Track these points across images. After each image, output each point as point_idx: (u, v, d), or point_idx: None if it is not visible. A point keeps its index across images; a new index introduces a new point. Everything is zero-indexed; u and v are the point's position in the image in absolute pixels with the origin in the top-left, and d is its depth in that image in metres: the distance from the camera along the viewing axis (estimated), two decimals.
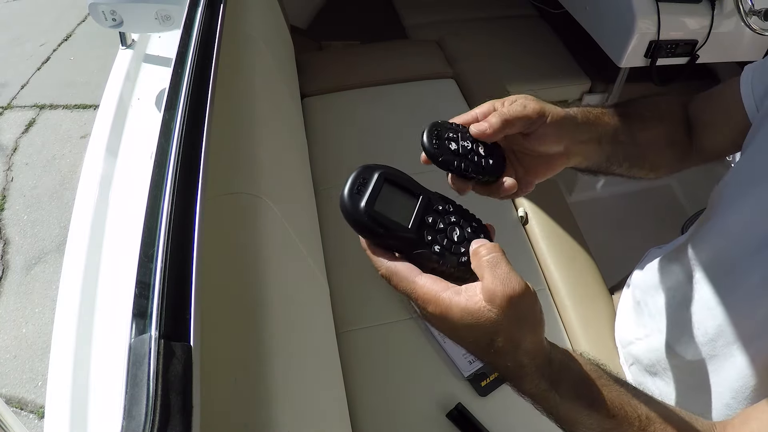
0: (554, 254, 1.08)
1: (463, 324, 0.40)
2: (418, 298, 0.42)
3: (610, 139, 0.62)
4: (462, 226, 0.46)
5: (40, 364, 1.64)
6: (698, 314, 0.65)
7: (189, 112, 0.59)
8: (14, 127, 2.43)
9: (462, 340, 0.42)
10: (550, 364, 0.43)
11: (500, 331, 0.40)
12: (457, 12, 2.01)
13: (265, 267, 0.64)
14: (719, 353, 0.61)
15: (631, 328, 0.83)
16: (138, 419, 0.36)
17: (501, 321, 0.40)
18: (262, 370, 0.54)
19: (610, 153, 0.63)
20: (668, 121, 0.70)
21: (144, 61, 1.03)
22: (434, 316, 0.42)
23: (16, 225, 2.04)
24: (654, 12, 1.40)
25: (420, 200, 0.46)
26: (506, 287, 0.40)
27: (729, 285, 0.61)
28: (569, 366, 0.45)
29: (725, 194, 0.66)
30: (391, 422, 0.86)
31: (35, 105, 2.54)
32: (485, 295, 0.40)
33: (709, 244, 0.66)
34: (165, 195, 0.50)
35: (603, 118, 0.62)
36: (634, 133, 0.65)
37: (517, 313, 0.40)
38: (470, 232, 0.46)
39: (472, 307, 0.40)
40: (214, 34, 0.72)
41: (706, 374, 0.63)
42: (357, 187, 0.44)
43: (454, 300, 0.40)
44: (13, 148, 2.34)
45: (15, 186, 2.19)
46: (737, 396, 0.59)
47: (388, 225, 0.43)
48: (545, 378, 0.43)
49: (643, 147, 0.66)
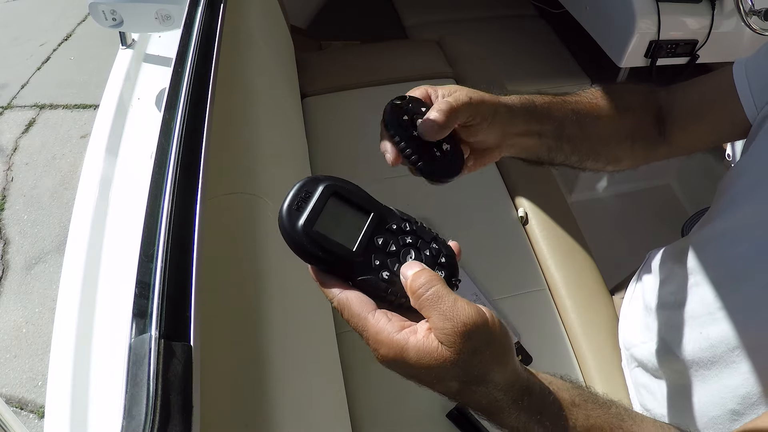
0: (554, 254, 1.08)
1: (421, 365, 0.36)
2: (369, 338, 0.37)
3: (552, 133, 0.59)
4: (419, 248, 0.40)
5: (40, 364, 1.64)
6: (700, 318, 0.64)
7: (189, 112, 0.59)
8: (14, 127, 2.43)
9: (424, 382, 0.38)
10: (529, 394, 0.40)
11: (460, 368, 0.36)
12: (457, 12, 2.01)
13: (265, 267, 0.64)
14: (721, 359, 0.60)
15: (637, 330, 0.83)
16: (138, 419, 0.36)
17: (458, 358, 0.36)
18: (262, 370, 0.54)
19: (553, 146, 0.60)
20: (631, 114, 0.67)
21: (144, 61, 1.02)
22: (389, 359, 0.37)
23: (16, 225, 2.04)
24: (654, 12, 1.40)
25: (371, 218, 0.40)
26: (455, 323, 0.35)
27: (732, 289, 0.60)
28: (551, 394, 0.41)
29: (728, 197, 0.66)
30: (391, 422, 0.86)
31: (35, 105, 2.54)
32: (437, 334, 0.36)
33: (712, 248, 0.65)
34: (165, 195, 0.50)
35: (550, 109, 0.60)
36: (584, 126, 0.62)
37: (473, 346, 0.36)
38: (429, 255, 0.40)
39: (429, 347, 0.36)
40: (214, 34, 0.72)
41: (708, 380, 0.63)
42: (298, 202, 0.38)
43: (410, 341, 0.36)
44: (13, 148, 2.34)
45: (15, 186, 2.19)
46: (743, 402, 0.58)
47: (329, 247, 0.37)
48: (524, 410, 0.39)
49: (595, 141, 0.64)
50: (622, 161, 0.69)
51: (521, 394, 0.39)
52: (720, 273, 0.63)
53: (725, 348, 0.59)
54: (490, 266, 1.05)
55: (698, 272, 0.66)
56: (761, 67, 0.64)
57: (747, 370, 0.57)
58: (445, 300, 0.36)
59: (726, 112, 0.66)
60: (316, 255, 0.38)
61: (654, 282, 0.78)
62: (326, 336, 0.85)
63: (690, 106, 0.70)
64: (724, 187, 0.67)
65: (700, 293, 0.65)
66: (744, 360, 0.57)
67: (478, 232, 1.11)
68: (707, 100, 0.69)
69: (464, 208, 1.14)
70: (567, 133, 0.61)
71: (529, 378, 0.40)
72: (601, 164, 0.67)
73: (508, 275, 1.05)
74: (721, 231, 0.64)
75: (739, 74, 0.66)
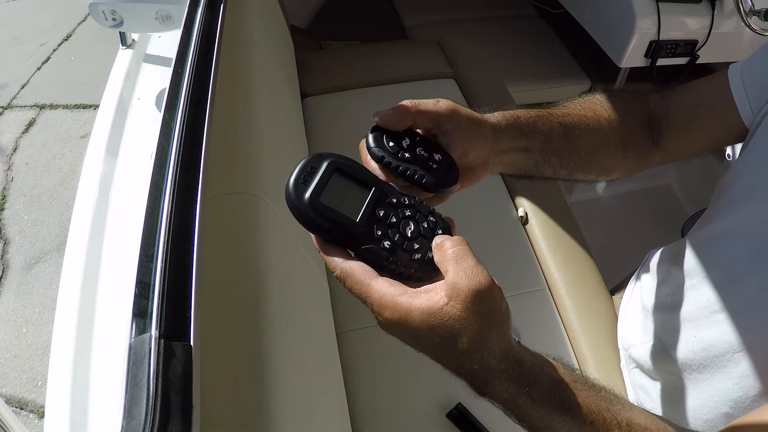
0: (554, 254, 1.08)
1: (425, 326, 0.37)
2: (373, 303, 0.38)
3: (539, 148, 0.58)
4: (417, 220, 0.42)
5: (40, 364, 1.64)
6: (696, 321, 0.64)
7: (189, 112, 0.59)
8: (14, 127, 2.43)
9: (424, 345, 0.39)
10: (520, 366, 0.40)
11: (465, 328, 0.37)
12: (457, 12, 2.01)
13: (265, 267, 0.64)
14: (714, 363, 0.60)
15: (635, 331, 0.83)
16: (138, 419, 0.36)
17: (466, 317, 0.37)
18: (262, 370, 0.54)
19: (540, 161, 0.59)
20: (621, 123, 0.65)
21: (144, 61, 1.02)
22: (392, 322, 0.38)
23: (16, 225, 2.04)
24: (654, 12, 1.40)
25: (372, 192, 0.42)
26: (471, 281, 0.37)
27: (728, 291, 0.60)
28: (541, 369, 0.42)
29: (726, 198, 0.65)
30: (391, 422, 0.86)
31: (35, 105, 2.54)
32: (448, 290, 0.37)
33: (710, 249, 0.65)
34: (165, 195, 0.50)
35: (536, 123, 0.58)
36: (572, 139, 0.61)
37: (482, 308, 0.37)
38: (426, 227, 0.42)
39: (434, 307, 0.37)
40: (214, 34, 0.72)
41: (701, 383, 0.63)
42: (304, 176, 0.40)
43: (414, 303, 0.37)
44: (13, 148, 2.34)
45: (15, 186, 2.19)
46: (736, 406, 0.58)
47: (334, 218, 0.40)
48: (514, 381, 0.40)
49: (584, 153, 0.62)
50: (613, 171, 0.68)
51: (513, 364, 0.40)
52: (717, 274, 0.63)
53: (718, 351, 0.59)
54: (490, 266, 1.04)
55: (695, 274, 0.66)
56: (757, 70, 0.64)
57: (739, 374, 0.57)
58: (468, 259, 0.39)
59: (721, 117, 0.66)
60: (321, 225, 0.40)
61: (652, 283, 0.78)
62: (326, 336, 0.85)
63: (685, 111, 0.69)
64: (722, 187, 0.67)
65: (696, 295, 0.65)
66: (736, 364, 0.57)
67: (478, 232, 1.11)
68: (702, 105, 0.69)
69: (464, 208, 1.14)
70: (555, 147, 0.59)
71: (521, 351, 0.41)
72: (592, 175, 0.66)
73: (508, 275, 1.05)
74: (719, 232, 0.64)
75: (735, 78, 0.65)
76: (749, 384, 0.56)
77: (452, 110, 0.50)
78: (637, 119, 0.68)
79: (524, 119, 0.57)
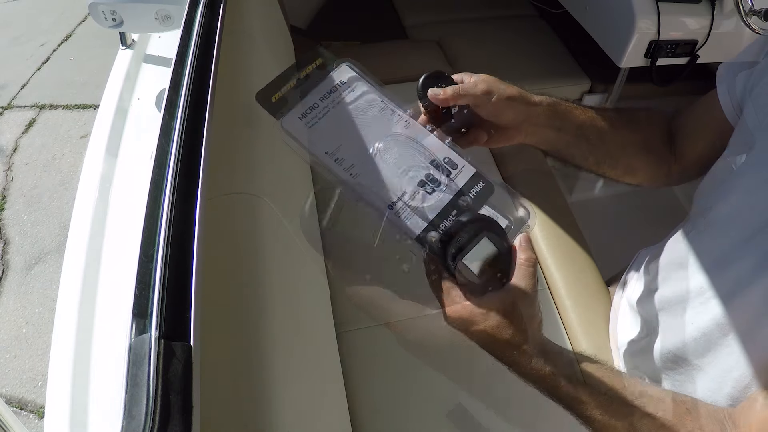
0: (554, 254, 1.08)
1: (483, 320, 0.51)
2: (446, 300, 0.53)
3: (573, 131, 0.67)
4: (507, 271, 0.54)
5: (40, 364, 1.63)
6: (692, 309, 0.65)
7: (189, 112, 0.59)
8: (14, 127, 2.43)
9: (479, 334, 0.52)
10: (546, 350, 0.53)
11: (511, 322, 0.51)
12: (457, 12, 2.00)
13: (265, 267, 0.64)
14: (713, 346, 0.61)
15: (626, 330, 0.84)
16: (138, 419, 0.36)
17: (513, 313, 0.51)
18: (262, 370, 0.54)
19: (572, 142, 0.68)
20: (644, 129, 0.73)
21: (144, 61, 1.02)
22: (457, 316, 0.52)
23: (16, 225, 2.04)
24: (654, 12, 1.40)
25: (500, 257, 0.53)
26: (526, 287, 0.52)
27: (721, 275, 0.62)
28: (561, 353, 0.54)
29: (709, 188, 0.67)
30: (391, 422, 0.86)
31: (35, 105, 2.54)
32: (506, 295, 0.52)
33: (698, 239, 0.67)
34: (165, 195, 0.50)
35: (572, 111, 0.67)
36: (602, 133, 0.69)
37: (524, 311, 0.51)
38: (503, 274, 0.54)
39: (493, 306, 0.51)
40: (214, 34, 0.72)
41: (703, 368, 0.64)
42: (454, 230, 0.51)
43: (480, 302, 0.52)
44: (13, 148, 2.34)
45: (15, 186, 2.19)
46: (737, 385, 0.59)
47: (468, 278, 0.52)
48: (544, 361, 0.52)
49: (612, 147, 0.70)
50: (638, 173, 0.74)
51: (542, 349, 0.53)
52: (708, 261, 0.64)
53: (718, 334, 0.61)
54: None
55: (686, 263, 0.67)
56: (737, 67, 0.68)
57: (741, 354, 0.58)
58: (531, 280, 0.53)
59: (713, 123, 0.70)
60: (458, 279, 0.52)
61: (642, 281, 0.79)
62: (326, 336, 0.85)
63: (691, 124, 0.74)
64: (705, 181, 0.69)
65: (688, 284, 0.66)
66: (737, 344, 0.59)
67: None
68: (697, 116, 0.74)
69: None
70: (585, 134, 0.67)
71: (549, 342, 0.55)
72: (618, 172, 0.73)
73: None
74: (709, 221, 0.66)
75: (721, 79, 0.70)
76: (749, 360, 0.58)
77: (486, 92, 0.60)
78: (655, 128, 0.74)
79: (563, 105, 0.67)
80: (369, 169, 0.54)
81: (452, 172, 0.55)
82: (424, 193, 0.53)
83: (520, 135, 0.65)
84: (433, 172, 0.54)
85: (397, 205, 0.52)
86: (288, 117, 0.55)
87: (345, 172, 0.53)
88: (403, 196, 0.53)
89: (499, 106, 0.61)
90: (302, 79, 0.57)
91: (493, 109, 0.61)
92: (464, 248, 0.50)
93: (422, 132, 0.57)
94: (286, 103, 0.56)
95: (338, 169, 0.53)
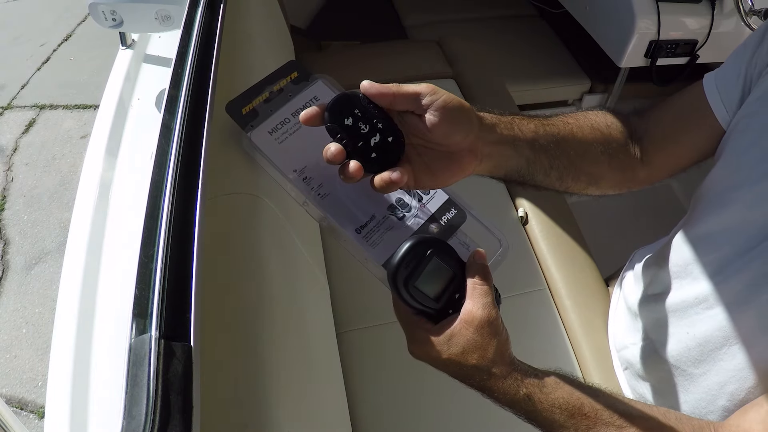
0: (554, 254, 1.08)
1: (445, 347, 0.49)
2: (410, 334, 0.52)
3: (528, 144, 0.57)
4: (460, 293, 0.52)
5: (40, 364, 1.63)
6: (687, 318, 0.64)
7: (189, 112, 0.59)
8: (14, 127, 2.43)
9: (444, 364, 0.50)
10: (518, 372, 0.50)
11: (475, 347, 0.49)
12: (457, 12, 2.00)
13: (265, 267, 0.64)
14: (708, 357, 0.61)
15: (624, 332, 0.83)
16: (138, 419, 0.36)
17: (475, 338, 0.49)
18: (262, 370, 0.54)
19: (531, 158, 0.58)
20: (600, 132, 0.66)
21: (144, 61, 1.02)
22: (420, 348, 0.51)
23: (16, 225, 2.04)
24: (654, 12, 1.40)
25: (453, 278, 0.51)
26: (483, 311, 0.49)
27: (719, 287, 0.61)
28: (536, 374, 0.51)
29: (706, 198, 0.66)
30: (391, 422, 0.86)
31: (35, 105, 2.54)
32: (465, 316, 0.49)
33: (697, 249, 0.66)
34: (165, 195, 0.50)
35: (524, 120, 0.59)
36: (558, 141, 0.60)
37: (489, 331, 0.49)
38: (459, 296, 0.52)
39: (453, 331, 0.50)
40: (214, 34, 0.72)
41: (697, 378, 0.63)
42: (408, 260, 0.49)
43: (439, 331, 0.50)
44: (13, 148, 2.34)
45: (15, 186, 2.19)
46: (732, 398, 0.59)
47: (423, 303, 0.50)
48: (515, 384, 0.49)
49: (571, 155, 0.62)
50: (601, 181, 0.67)
51: (512, 371, 0.50)
52: (705, 272, 0.63)
53: (714, 345, 0.60)
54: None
55: (683, 273, 0.66)
56: (729, 73, 0.65)
57: (735, 367, 0.58)
58: (488, 297, 0.50)
59: (701, 128, 0.67)
60: (412, 306, 0.51)
61: (639, 284, 0.79)
62: (326, 336, 0.85)
63: (663, 127, 0.69)
64: (702, 189, 0.68)
65: (686, 292, 0.65)
66: (732, 357, 0.58)
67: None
68: (680, 119, 0.69)
69: None
70: (542, 144, 0.59)
71: (520, 364, 0.51)
72: (582, 183, 0.66)
73: (508, 275, 1.05)
74: (706, 231, 0.65)
75: (710, 87, 0.66)
76: (744, 376, 0.57)
77: (432, 89, 0.48)
78: (618, 132, 0.68)
79: (507, 116, 0.58)
80: (337, 190, 0.52)
81: (424, 197, 0.53)
82: (394, 219, 0.52)
83: (474, 159, 0.52)
84: (404, 196, 0.53)
85: (365, 230, 0.51)
86: (257, 131, 0.53)
87: (313, 192, 0.51)
88: (371, 221, 0.51)
89: (449, 112, 0.48)
90: (275, 92, 0.55)
91: (439, 118, 0.48)
92: (413, 273, 0.49)
93: None
94: (256, 116, 0.54)
95: (306, 188, 0.51)
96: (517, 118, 0.58)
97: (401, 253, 0.48)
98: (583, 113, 0.67)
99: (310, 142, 0.53)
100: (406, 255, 0.48)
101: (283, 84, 0.56)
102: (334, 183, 0.52)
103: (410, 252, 0.48)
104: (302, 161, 0.52)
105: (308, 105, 0.53)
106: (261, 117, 0.54)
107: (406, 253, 0.48)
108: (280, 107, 0.55)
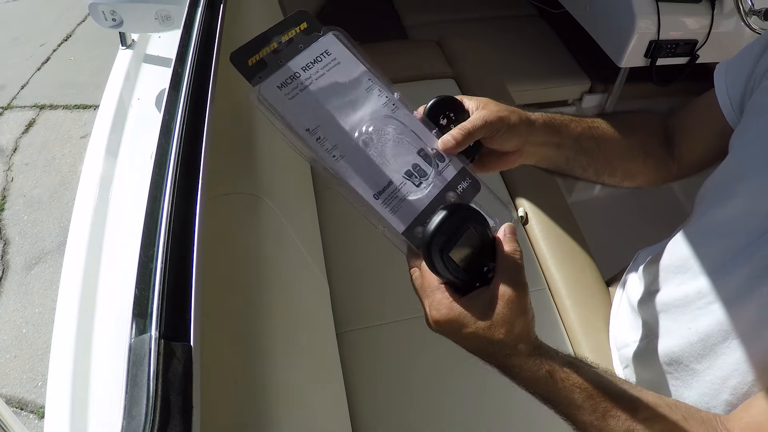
0: (554, 254, 1.08)
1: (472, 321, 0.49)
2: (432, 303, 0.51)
3: (571, 145, 0.66)
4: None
5: (40, 364, 1.63)
6: (689, 314, 0.65)
7: (189, 112, 0.59)
8: (14, 127, 2.43)
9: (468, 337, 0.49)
10: (541, 350, 0.50)
11: (503, 321, 0.49)
12: (457, 12, 2.00)
13: (265, 267, 0.64)
14: (711, 352, 0.61)
15: (626, 331, 0.83)
16: (138, 419, 0.36)
17: (505, 313, 0.49)
18: (262, 370, 0.54)
19: (571, 157, 0.67)
20: (640, 133, 0.72)
21: (144, 61, 1.02)
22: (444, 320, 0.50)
23: (16, 225, 2.04)
24: (654, 12, 1.40)
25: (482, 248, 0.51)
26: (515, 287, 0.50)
27: (720, 281, 0.61)
28: (557, 354, 0.51)
29: (711, 193, 0.67)
30: (391, 422, 0.86)
31: (35, 105, 2.54)
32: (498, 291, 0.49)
33: (698, 243, 0.66)
34: (165, 195, 0.50)
35: (568, 125, 0.66)
36: (599, 142, 0.68)
37: (519, 307, 0.49)
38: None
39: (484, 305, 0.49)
40: (214, 34, 0.72)
41: (700, 373, 0.63)
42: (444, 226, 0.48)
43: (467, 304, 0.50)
44: (13, 148, 2.34)
45: (15, 186, 2.19)
46: (735, 392, 0.59)
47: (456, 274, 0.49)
48: (537, 361, 0.49)
49: (610, 155, 0.70)
50: (637, 177, 0.74)
51: (536, 348, 0.50)
52: (707, 266, 0.63)
53: (716, 340, 0.60)
54: None
55: (685, 267, 0.67)
56: (735, 67, 0.67)
57: (737, 361, 0.58)
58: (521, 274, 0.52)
59: (714, 125, 0.69)
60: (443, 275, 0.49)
61: (641, 282, 0.79)
62: (326, 336, 0.85)
63: (689, 123, 0.73)
64: (707, 184, 0.68)
65: (687, 287, 0.65)
66: (733, 351, 0.58)
67: None
68: (697, 117, 0.73)
69: None
70: (583, 147, 0.67)
71: (542, 343, 0.51)
72: (617, 179, 0.72)
73: None
74: (708, 225, 0.65)
75: (719, 80, 0.69)
76: (746, 369, 0.57)
77: (494, 127, 0.57)
78: (652, 132, 0.74)
79: (558, 120, 0.66)
80: (352, 153, 0.50)
81: (440, 165, 0.53)
82: (411, 185, 0.50)
83: (521, 157, 0.63)
84: (420, 162, 0.52)
85: (383, 196, 0.49)
86: (266, 84, 0.49)
87: (327, 154, 0.49)
88: (389, 186, 0.49)
89: (504, 137, 0.59)
90: (284, 43, 0.51)
91: (499, 140, 0.59)
92: (449, 242, 0.47)
93: (409, 118, 0.54)
94: (264, 67, 0.50)
95: (320, 149, 0.48)
96: (566, 120, 0.66)
97: (438, 220, 0.47)
98: (629, 115, 0.75)
99: (322, 101, 0.50)
100: (443, 222, 0.47)
101: (292, 34, 0.52)
102: (348, 146, 0.50)
103: (447, 220, 0.47)
104: (314, 120, 0.49)
105: (320, 59, 0.52)
106: (270, 69, 0.50)
107: (443, 221, 0.47)
108: (290, 59, 0.51)
